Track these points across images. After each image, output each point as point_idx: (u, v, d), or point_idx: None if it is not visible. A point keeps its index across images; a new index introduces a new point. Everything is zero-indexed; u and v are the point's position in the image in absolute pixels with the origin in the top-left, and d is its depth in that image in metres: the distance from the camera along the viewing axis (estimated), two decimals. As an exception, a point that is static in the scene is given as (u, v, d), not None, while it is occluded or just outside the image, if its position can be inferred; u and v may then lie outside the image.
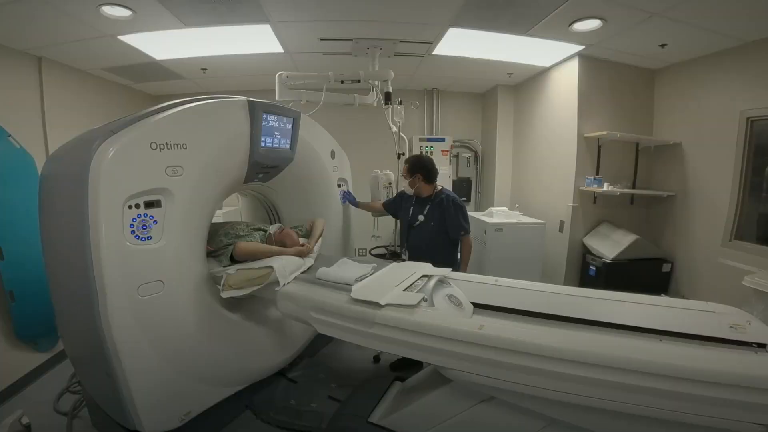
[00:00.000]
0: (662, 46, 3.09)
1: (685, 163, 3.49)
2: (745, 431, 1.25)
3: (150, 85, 4.40)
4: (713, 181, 3.24)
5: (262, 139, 2.27)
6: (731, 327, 1.51)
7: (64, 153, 1.89)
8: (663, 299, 1.94)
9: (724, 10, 2.42)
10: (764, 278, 2.40)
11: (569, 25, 2.83)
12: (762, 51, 2.83)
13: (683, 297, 3.31)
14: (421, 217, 2.81)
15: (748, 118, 2.96)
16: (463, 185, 5.30)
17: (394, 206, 3.13)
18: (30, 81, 3.12)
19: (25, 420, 2.24)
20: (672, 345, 1.46)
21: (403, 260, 2.64)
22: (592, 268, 3.66)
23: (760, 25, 2.61)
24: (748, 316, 1.62)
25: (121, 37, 2.88)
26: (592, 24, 2.78)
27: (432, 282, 1.93)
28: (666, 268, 3.58)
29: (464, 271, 2.73)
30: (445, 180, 5.06)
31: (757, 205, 3.00)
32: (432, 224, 2.78)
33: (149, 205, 1.76)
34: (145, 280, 1.74)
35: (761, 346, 1.41)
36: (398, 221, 3.54)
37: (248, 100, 2.21)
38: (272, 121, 2.33)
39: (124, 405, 1.79)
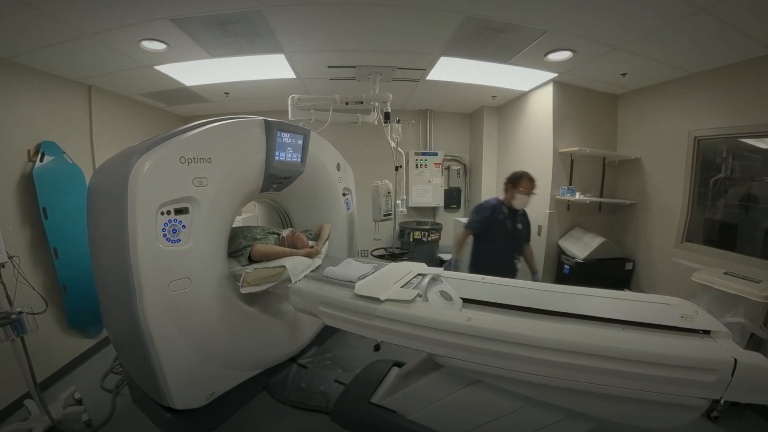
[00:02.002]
0: (623, 74, 3.12)
1: (644, 175, 3.51)
2: (693, 405, 1.27)
3: (180, 108, 4.42)
4: (667, 191, 3.26)
5: (277, 153, 2.29)
6: (682, 317, 1.52)
7: (108, 167, 1.92)
8: (625, 293, 1.95)
9: (674, 46, 2.46)
10: (709, 275, 2.43)
11: (544, 56, 2.85)
12: (705, 80, 2.88)
13: (642, 291, 3.32)
14: (519, 226, 2.90)
15: (695, 138, 3.00)
16: (453, 194, 5.31)
17: (482, 226, 2.86)
18: (81, 106, 3.16)
19: (77, 395, 2.31)
20: (633, 333, 1.48)
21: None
22: (566, 267, 3.66)
23: (703, 59, 2.67)
24: (696, 308, 1.65)
25: (156, 67, 2.91)
26: (564, 55, 2.81)
27: (426, 280, 1.93)
28: (628, 266, 3.58)
29: (538, 270, 3.00)
30: (437, 190, 5.08)
31: (703, 212, 3.03)
32: (525, 232, 2.95)
33: (179, 211, 1.78)
34: (175, 277, 1.76)
35: (706, 332, 1.43)
36: (398, 225, 3.51)
37: (264, 120, 2.23)
38: (285, 137, 2.35)
39: (159, 384, 1.81)
